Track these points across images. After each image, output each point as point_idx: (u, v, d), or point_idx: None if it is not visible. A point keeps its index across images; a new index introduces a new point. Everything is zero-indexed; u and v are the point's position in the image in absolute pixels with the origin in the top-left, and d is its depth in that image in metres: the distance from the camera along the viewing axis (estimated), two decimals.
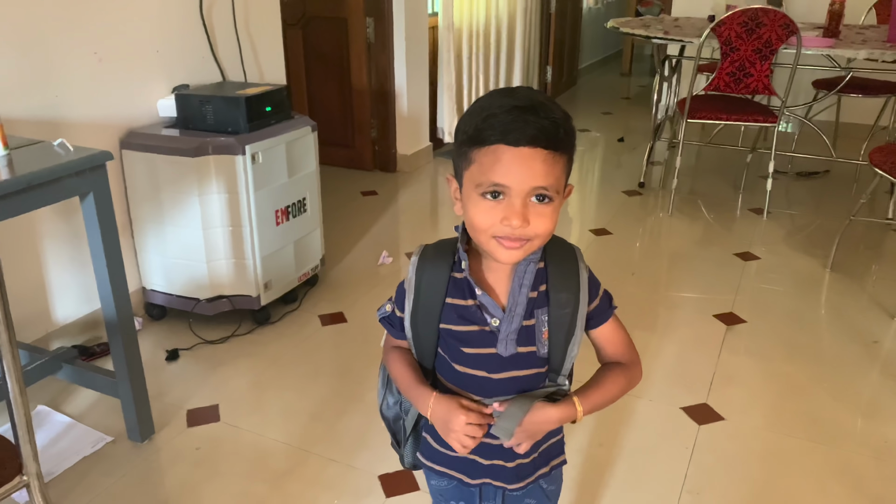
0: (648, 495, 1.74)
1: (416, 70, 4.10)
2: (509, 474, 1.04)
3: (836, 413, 2.04)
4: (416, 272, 0.98)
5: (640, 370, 1.04)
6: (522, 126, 0.83)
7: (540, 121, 0.84)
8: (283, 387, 2.16)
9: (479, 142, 0.86)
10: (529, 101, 0.85)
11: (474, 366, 0.98)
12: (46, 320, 2.27)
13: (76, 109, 2.21)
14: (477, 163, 0.87)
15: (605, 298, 1.01)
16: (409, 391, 1.02)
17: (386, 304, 1.06)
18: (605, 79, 7.38)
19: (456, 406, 0.95)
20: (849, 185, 3.95)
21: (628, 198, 3.81)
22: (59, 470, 1.79)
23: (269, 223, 2.40)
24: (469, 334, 0.96)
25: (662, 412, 2.04)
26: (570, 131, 0.88)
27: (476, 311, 0.95)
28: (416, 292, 0.98)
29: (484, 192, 0.86)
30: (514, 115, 0.84)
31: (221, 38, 2.66)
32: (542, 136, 0.84)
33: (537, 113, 0.84)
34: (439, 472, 1.08)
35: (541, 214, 0.87)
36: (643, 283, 2.85)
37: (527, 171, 0.84)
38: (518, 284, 0.94)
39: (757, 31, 3.22)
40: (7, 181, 1.47)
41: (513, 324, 0.94)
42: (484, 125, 0.86)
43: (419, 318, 0.99)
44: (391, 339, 1.08)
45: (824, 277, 2.89)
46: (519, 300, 0.94)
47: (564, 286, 0.96)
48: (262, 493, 1.73)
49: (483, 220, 0.87)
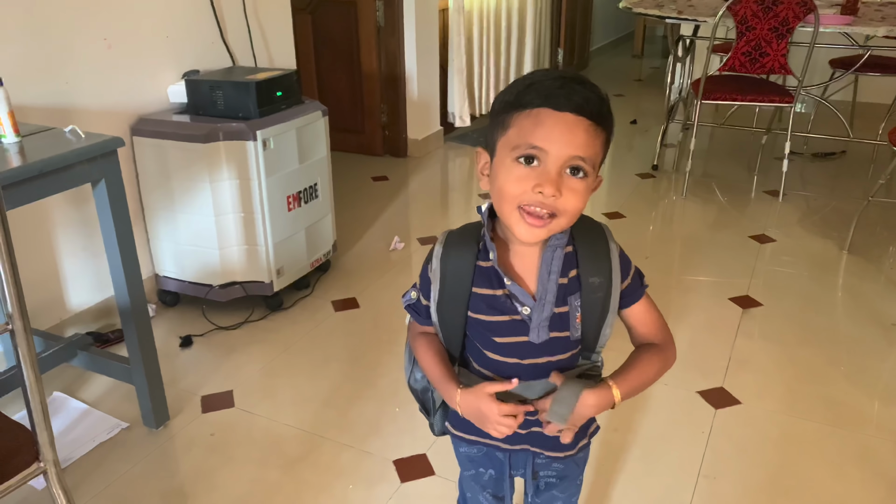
0: (664, 480, 1.73)
1: (426, 54, 4.06)
2: (548, 441, 1.03)
3: (853, 397, 2.02)
4: (441, 261, 0.95)
5: (675, 351, 1.02)
6: (569, 92, 0.82)
7: (586, 91, 0.83)
8: (296, 373, 2.16)
9: (520, 106, 0.84)
10: (576, 74, 0.86)
11: (506, 353, 0.96)
12: (60, 308, 2.28)
13: (86, 96, 2.20)
14: (516, 127, 0.84)
15: (636, 277, 0.99)
16: (437, 384, 1.02)
17: (410, 290, 1.04)
18: (616, 61, 7.30)
19: (486, 399, 0.94)
20: (866, 166, 3.89)
21: (641, 180, 3.78)
22: (75, 456, 1.80)
23: (281, 209, 2.39)
24: (499, 324, 0.94)
25: (678, 396, 2.03)
26: (611, 112, 0.87)
27: (506, 301, 0.93)
28: (442, 282, 0.96)
29: (519, 156, 0.84)
30: (561, 82, 0.83)
31: (231, 23, 2.64)
32: (588, 105, 0.83)
33: (584, 84, 0.84)
34: (470, 440, 1.07)
35: (573, 189, 0.84)
36: (657, 267, 2.82)
37: (568, 137, 0.82)
38: (547, 272, 0.91)
39: (773, 8, 3.16)
40: (19, 168, 1.47)
41: (544, 312, 0.92)
42: (527, 91, 0.84)
43: (445, 307, 0.97)
44: (414, 325, 1.07)
45: (841, 260, 2.85)
46: (549, 288, 0.92)
47: (596, 270, 0.93)
48: (276, 479, 1.74)
49: (514, 188, 0.84)
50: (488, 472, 1.12)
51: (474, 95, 4.74)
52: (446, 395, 0.99)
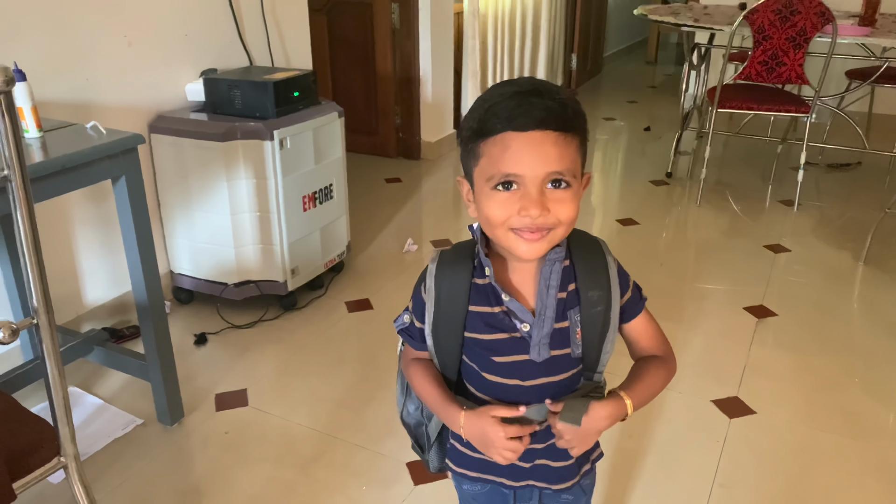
0: (679, 488, 1.72)
1: (440, 57, 4.07)
2: (554, 474, 1.00)
3: (870, 408, 2.01)
4: (435, 280, 0.92)
5: (675, 362, 1.00)
6: (528, 109, 0.79)
7: (545, 102, 0.79)
8: (309, 372, 2.16)
9: (484, 133, 0.82)
10: (532, 85, 0.81)
11: (506, 374, 0.93)
12: (77, 303, 2.29)
13: (106, 93, 2.21)
14: (486, 156, 0.82)
15: (635, 291, 0.97)
16: (437, 409, 0.98)
17: (403, 314, 1.00)
18: (630, 67, 7.29)
19: (491, 422, 0.90)
20: (881, 178, 3.87)
21: (655, 187, 3.77)
22: (90, 451, 1.80)
23: (297, 209, 2.39)
24: (498, 342, 0.91)
25: (692, 405, 2.02)
26: (579, 112, 0.83)
27: (504, 318, 0.90)
28: (437, 301, 0.92)
29: (496, 185, 0.82)
30: (518, 99, 0.80)
31: (249, 22, 2.65)
32: (551, 117, 0.79)
33: (542, 95, 0.80)
34: (473, 477, 1.04)
35: (560, 200, 0.81)
36: (671, 274, 2.81)
37: (539, 156, 0.79)
38: (545, 286, 0.89)
39: (791, 18, 3.16)
40: (42, 163, 1.48)
41: (544, 328, 0.90)
42: (487, 115, 0.81)
43: (441, 329, 0.94)
44: (410, 351, 1.02)
45: (857, 271, 2.83)
46: (548, 303, 0.89)
47: (594, 283, 0.91)
48: (291, 479, 1.74)
49: (499, 214, 0.82)
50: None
51: None
52: (449, 419, 0.96)
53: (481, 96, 0.85)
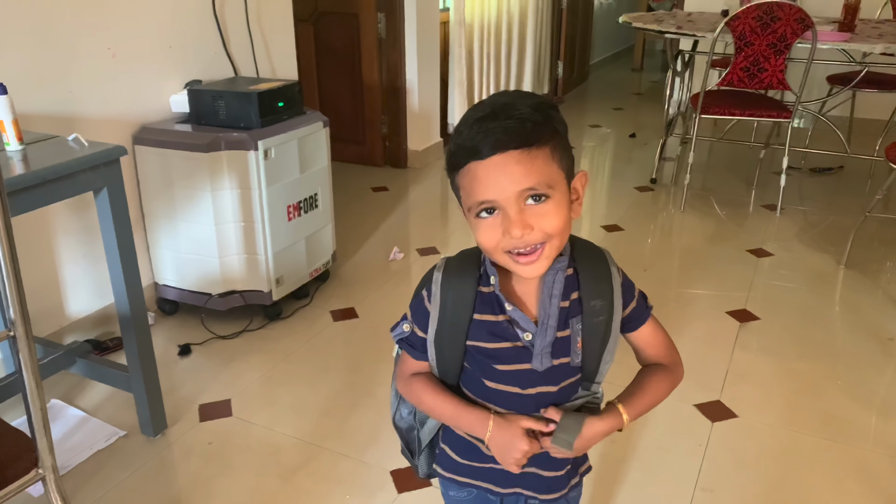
0: (662, 492, 1.73)
1: (427, 66, 4.09)
2: (543, 484, 1.01)
3: (851, 411, 2.03)
4: (441, 288, 0.92)
5: (682, 370, 1.01)
6: (483, 136, 0.80)
7: (502, 124, 0.80)
8: (294, 382, 2.17)
9: (455, 167, 0.85)
10: (491, 107, 0.82)
11: (507, 382, 0.94)
12: (60, 315, 2.29)
13: (90, 105, 2.21)
14: (462, 187, 0.85)
15: (641, 300, 0.98)
16: (460, 419, 0.97)
17: (402, 323, 0.99)
18: (616, 74, 7.34)
19: (520, 433, 0.92)
20: (863, 182, 3.91)
21: (640, 194, 3.79)
22: (72, 464, 1.80)
23: (281, 219, 2.40)
24: (501, 351, 0.92)
25: (675, 409, 2.03)
26: (544, 121, 0.82)
27: (507, 327, 0.91)
28: (442, 309, 0.93)
29: (477, 213, 0.84)
30: (476, 127, 0.81)
31: (234, 33, 2.66)
32: (507, 137, 0.80)
33: (497, 117, 0.81)
34: (461, 482, 1.04)
35: (541, 214, 0.82)
36: (655, 280, 2.83)
37: (505, 179, 0.80)
38: (548, 295, 0.90)
39: (772, 25, 3.19)
40: (23, 176, 1.48)
41: (547, 337, 0.91)
42: (454, 148, 0.84)
43: (444, 337, 0.94)
44: (408, 364, 1.01)
45: (838, 274, 2.86)
46: (551, 312, 0.90)
47: (597, 293, 0.92)
48: (274, 488, 1.74)
49: (488, 239, 0.84)
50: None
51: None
52: (474, 424, 0.95)
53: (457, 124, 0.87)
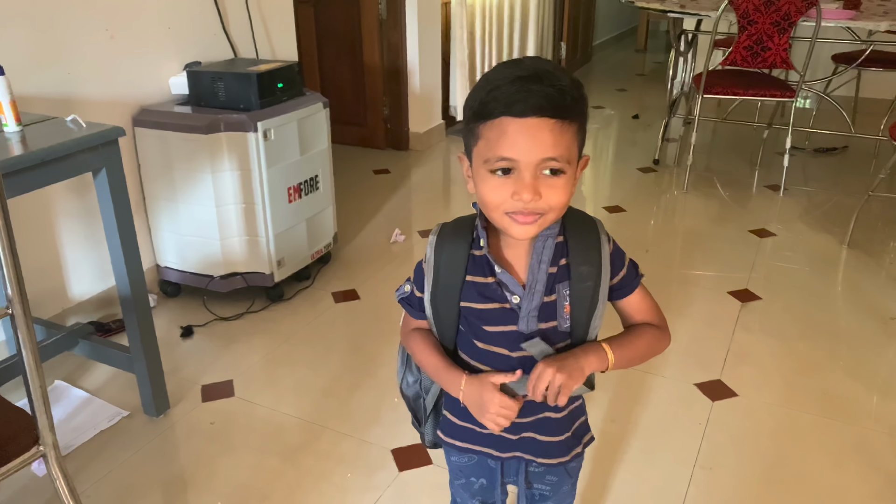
0: (662, 471, 1.74)
1: (428, 47, 4.06)
2: (540, 448, 1.03)
3: (851, 390, 2.03)
4: (435, 251, 0.96)
5: (669, 336, 1.02)
6: (526, 96, 0.81)
7: (544, 89, 0.81)
8: (296, 363, 2.18)
9: (484, 116, 0.84)
10: (534, 69, 0.83)
11: (495, 343, 0.96)
12: (62, 297, 2.30)
13: (88, 86, 2.21)
14: (484, 138, 0.85)
15: (631, 268, 1.00)
16: (438, 375, 1.01)
17: (405, 284, 1.03)
18: (619, 55, 7.28)
19: (489, 388, 0.94)
20: (867, 161, 3.88)
21: (643, 175, 3.78)
22: (76, 443, 1.81)
23: (282, 200, 2.40)
24: (489, 312, 0.95)
25: (676, 388, 2.03)
26: (579, 98, 0.85)
27: (496, 289, 0.93)
28: (436, 271, 0.96)
29: (493, 169, 0.85)
30: (518, 85, 0.81)
31: (233, 14, 2.64)
32: (548, 104, 0.81)
33: (541, 81, 0.81)
34: (461, 448, 1.06)
35: (553, 186, 0.84)
36: (658, 261, 2.83)
37: (534, 143, 0.82)
38: (537, 261, 0.92)
39: (775, 3, 3.16)
40: (21, 157, 1.48)
41: (533, 301, 0.93)
42: (488, 98, 0.83)
43: (439, 297, 0.97)
44: (410, 321, 1.06)
45: (841, 254, 2.85)
46: (538, 277, 0.92)
47: (585, 259, 0.93)
48: (276, 467, 1.75)
49: (494, 197, 0.86)
50: (479, 480, 1.11)
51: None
52: (450, 383, 0.99)
53: (485, 75, 0.87)
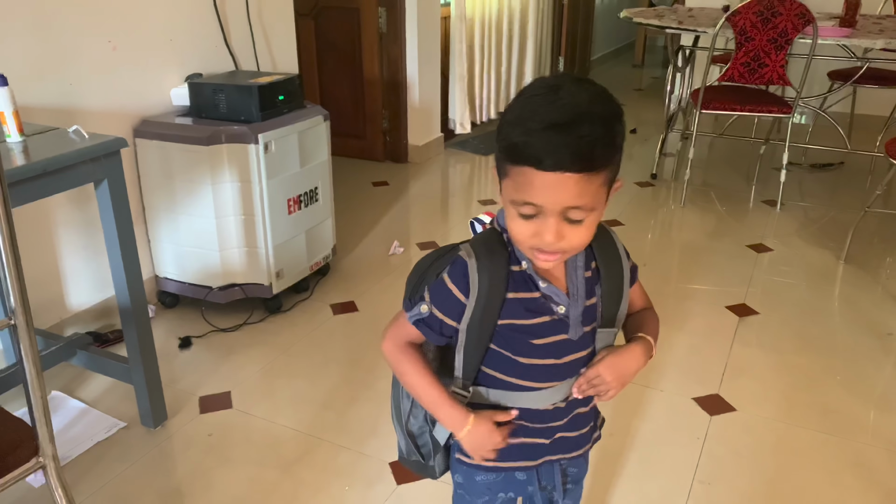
0: (660, 485, 1.74)
1: (427, 61, 4.09)
2: (572, 443, 1.08)
3: (849, 405, 2.03)
4: (479, 274, 0.93)
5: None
6: (554, 151, 0.79)
7: (574, 142, 0.79)
8: (294, 375, 2.17)
9: (513, 159, 0.84)
10: (571, 112, 0.80)
11: (543, 355, 0.97)
12: (61, 307, 2.29)
13: (90, 97, 2.22)
14: (511, 178, 0.85)
15: (634, 268, 1.06)
16: (438, 409, 0.99)
17: (419, 304, 0.98)
18: (617, 70, 7.33)
19: (494, 429, 0.98)
20: (863, 177, 3.91)
21: (640, 189, 3.79)
22: (73, 454, 1.80)
23: (282, 212, 2.40)
24: (538, 326, 0.96)
25: (674, 403, 2.04)
26: (610, 143, 0.82)
27: (543, 302, 0.95)
28: (480, 294, 0.93)
29: (519, 212, 0.86)
30: (549, 135, 0.79)
31: (234, 27, 2.66)
32: (574, 161, 0.80)
33: (572, 132, 0.79)
34: (489, 468, 1.06)
35: (575, 231, 0.86)
36: (655, 275, 2.84)
37: (559, 194, 0.82)
38: (573, 268, 0.96)
39: (772, 20, 3.19)
40: (23, 167, 1.48)
41: (578, 307, 0.97)
42: (519, 141, 0.82)
43: (480, 321, 0.95)
44: (403, 333, 1.01)
45: (838, 270, 2.86)
46: (578, 283, 0.96)
47: (611, 258, 0.99)
48: (273, 479, 1.74)
49: (519, 234, 0.88)
50: (507, 495, 1.10)
51: (475, 103, 4.76)
52: (452, 419, 0.98)
53: (523, 106, 0.84)
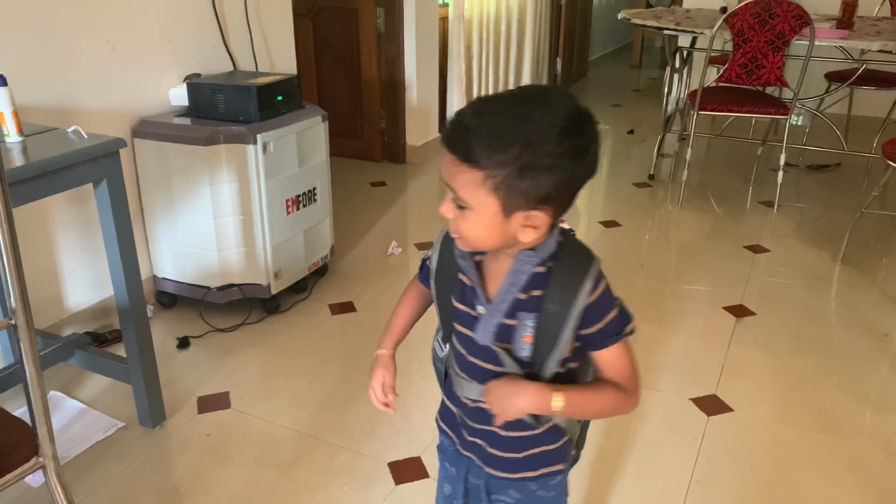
0: (657, 485, 1.75)
1: (425, 61, 4.09)
2: (490, 458, 1.06)
3: (845, 406, 2.04)
4: (442, 242, 1.03)
5: (636, 402, 0.97)
6: (448, 128, 0.87)
7: (456, 130, 0.86)
8: (292, 375, 2.18)
9: None
10: (490, 106, 0.86)
11: (460, 342, 1.02)
12: (59, 307, 2.29)
13: (89, 97, 2.22)
14: None
15: (615, 323, 0.93)
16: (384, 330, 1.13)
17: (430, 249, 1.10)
18: (615, 71, 7.34)
19: (380, 368, 1.09)
20: (860, 179, 3.92)
21: (638, 190, 3.80)
22: (71, 455, 1.81)
23: (280, 212, 2.40)
24: (461, 313, 1.00)
25: (671, 403, 2.04)
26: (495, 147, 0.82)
27: (470, 294, 0.98)
28: (439, 262, 1.03)
29: None
30: (455, 117, 0.87)
31: (233, 27, 2.66)
32: (449, 140, 0.86)
33: (469, 118, 0.85)
34: (440, 426, 1.14)
35: (459, 216, 0.89)
36: (652, 276, 2.84)
37: (444, 168, 0.88)
38: (510, 283, 0.93)
39: (770, 22, 3.20)
40: (22, 167, 1.48)
41: (493, 318, 0.95)
42: None
43: (439, 285, 1.05)
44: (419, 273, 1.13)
45: (834, 270, 2.87)
46: (505, 297, 0.93)
47: (558, 299, 0.91)
48: (271, 479, 1.75)
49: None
50: (447, 487, 1.17)
51: None
52: (380, 342, 1.12)
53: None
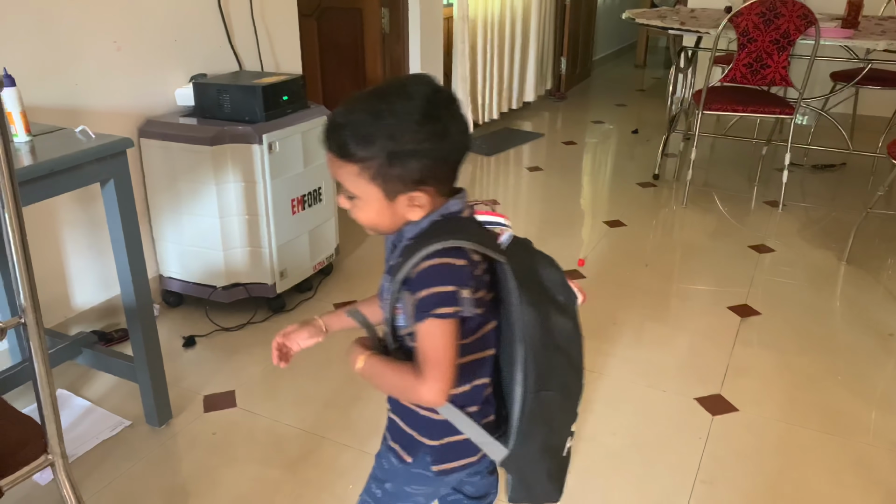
0: (662, 485, 1.75)
1: (430, 61, 4.09)
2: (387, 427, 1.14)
3: (850, 405, 2.04)
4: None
5: (429, 392, 0.92)
6: (323, 128, 0.95)
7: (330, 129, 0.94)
8: (297, 374, 2.18)
9: None
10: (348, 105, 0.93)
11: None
12: (65, 306, 2.30)
13: (95, 97, 2.23)
14: None
15: (429, 300, 0.90)
16: None
17: None
18: (619, 70, 7.34)
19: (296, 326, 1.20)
20: (865, 178, 3.92)
21: (642, 189, 3.80)
22: (78, 453, 1.82)
23: (285, 212, 2.41)
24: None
25: (676, 403, 2.04)
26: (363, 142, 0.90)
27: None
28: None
29: None
30: (329, 117, 0.95)
31: (238, 27, 2.67)
32: (328, 140, 0.94)
33: (335, 120, 0.93)
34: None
35: (352, 206, 0.97)
36: (657, 275, 2.84)
37: (328, 166, 0.97)
38: (389, 250, 1.03)
39: (775, 21, 3.20)
40: (30, 167, 1.49)
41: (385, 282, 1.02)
42: None
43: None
44: None
45: (839, 270, 2.87)
46: (387, 262, 1.03)
47: (394, 268, 0.95)
48: (277, 478, 1.75)
49: None
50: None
51: (478, 103, 4.77)
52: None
53: None
